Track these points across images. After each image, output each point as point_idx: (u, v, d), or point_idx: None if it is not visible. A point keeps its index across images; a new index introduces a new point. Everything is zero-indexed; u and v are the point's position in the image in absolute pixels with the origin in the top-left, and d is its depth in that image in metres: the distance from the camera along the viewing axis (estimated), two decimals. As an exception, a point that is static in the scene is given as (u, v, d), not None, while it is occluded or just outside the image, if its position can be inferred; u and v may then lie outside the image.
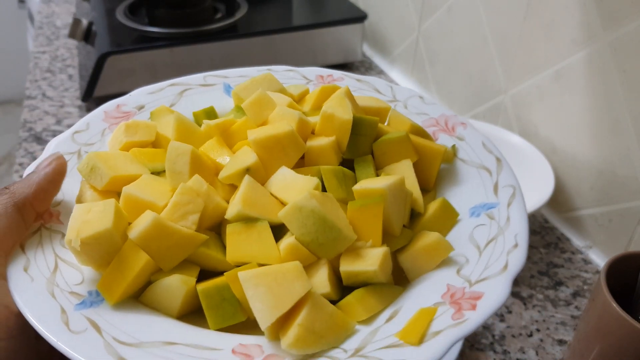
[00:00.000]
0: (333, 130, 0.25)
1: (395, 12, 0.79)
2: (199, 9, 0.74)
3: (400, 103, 0.31)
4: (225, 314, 0.21)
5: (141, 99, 0.32)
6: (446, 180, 0.27)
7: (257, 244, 0.22)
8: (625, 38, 0.44)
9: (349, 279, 0.22)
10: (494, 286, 0.21)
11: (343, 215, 0.23)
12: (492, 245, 0.23)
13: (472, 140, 0.28)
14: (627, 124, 0.45)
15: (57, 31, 0.91)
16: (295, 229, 0.22)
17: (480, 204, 0.25)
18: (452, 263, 0.23)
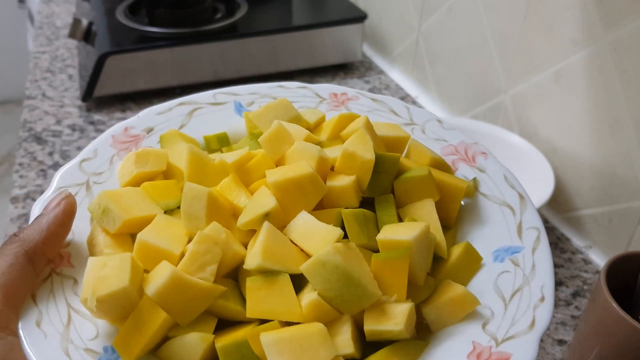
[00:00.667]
0: (354, 169, 0.24)
1: (395, 12, 0.79)
2: (199, 9, 0.74)
3: (418, 127, 0.30)
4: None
5: (150, 120, 0.31)
6: (467, 218, 0.25)
7: (279, 300, 0.21)
8: (626, 38, 0.44)
9: (373, 336, 0.21)
10: (522, 346, 0.20)
11: (367, 269, 0.22)
12: (517, 296, 0.22)
13: (494, 173, 0.27)
14: (627, 124, 0.45)
15: (57, 31, 0.91)
16: (318, 284, 0.21)
17: (504, 248, 0.23)
18: (477, 316, 0.22)
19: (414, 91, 0.78)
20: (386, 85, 0.79)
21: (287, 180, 0.23)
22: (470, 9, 0.63)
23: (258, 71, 0.76)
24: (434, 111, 0.73)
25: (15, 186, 0.57)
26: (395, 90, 0.78)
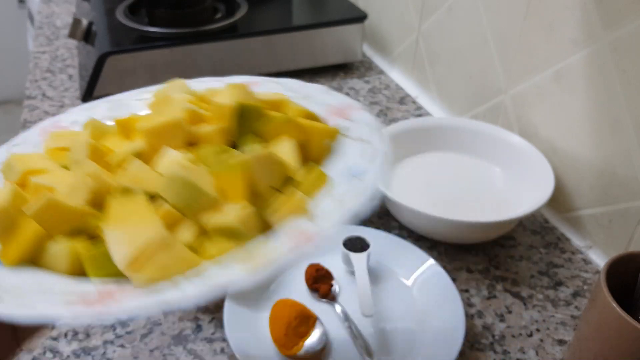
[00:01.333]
0: (220, 117, 0.29)
1: (395, 12, 0.79)
2: (198, 9, 0.74)
3: (309, 99, 0.34)
4: (99, 263, 0.24)
5: (76, 115, 0.35)
6: (332, 154, 0.30)
7: (132, 208, 0.25)
8: (625, 38, 0.44)
9: (215, 232, 0.25)
10: (331, 223, 0.24)
11: (211, 182, 0.26)
12: (350, 198, 0.26)
13: (361, 120, 0.31)
14: (627, 124, 0.45)
15: (57, 31, 0.91)
16: (169, 197, 0.25)
17: (356, 169, 0.28)
18: (309, 214, 0.25)
19: (414, 91, 0.78)
20: (386, 85, 0.79)
21: (155, 126, 0.28)
22: (470, 9, 0.63)
23: (258, 71, 0.76)
24: (434, 111, 0.73)
25: (15, 186, 0.57)
26: (395, 90, 0.78)
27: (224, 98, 0.30)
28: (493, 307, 0.45)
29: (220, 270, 0.23)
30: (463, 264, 0.50)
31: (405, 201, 0.47)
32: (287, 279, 0.46)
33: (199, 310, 0.44)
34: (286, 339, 0.40)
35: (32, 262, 0.25)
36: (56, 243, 0.25)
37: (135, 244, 0.23)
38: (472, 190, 0.55)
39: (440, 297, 0.44)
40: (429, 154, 0.60)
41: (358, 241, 0.46)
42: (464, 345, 0.42)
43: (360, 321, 0.42)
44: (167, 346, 0.41)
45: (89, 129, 0.31)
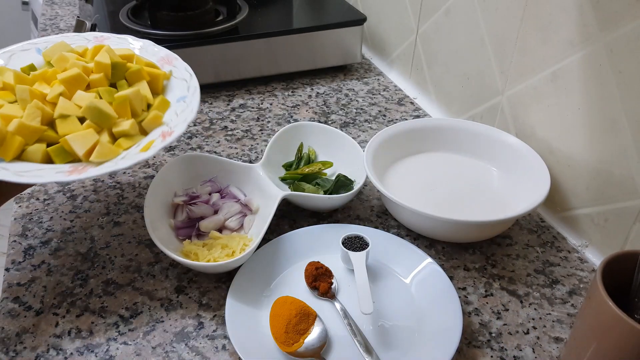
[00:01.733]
0: (102, 69, 0.48)
1: (393, 15, 0.80)
2: (200, 11, 0.75)
3: (144, 50, 0.54)
4: (60, 154, 0.43)
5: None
6: (167, 89, 0.51)
7: (72, 126, 0.44)
8: (622, 39, 0.45)
9: (119, 135, 0.45)
10: (178, 128, 0.45)
11: (111, 108, 0.45)
12: (183, 113, 0.47)
13: (180, 67, 0.52)
14: (623, 125, 0.46)
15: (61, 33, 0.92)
16: (89, 117, 0.44)
17: (182, 96, 0.49)
18: (163, 123, 0.47)
19: (412, 92, 0.78)
20: (385, 87, 0.79)
21: (67, 77, 0.46)
22: (467, 11, 0.64)
23: (259, 73, 0.76)
24: (432, 112, 0.74)
25: (20, 186, 0.58)
26: (394, 91, 0.78)
27: (101, 57, 0.48)
28: (490, 305, 0.46)
29: (131, 154, 0.43)
30: (460, 263, 0.50)
31: (403, 201, 0.48)
32: (287, 277, 0.47)
33: (201, 308, 0.45)
34: (286, 336, 0.40)
35: (19, 158, 0.43)
36: (32, 146, 0.43)
37: (86, 144, 0.43)
38: (470, 190, 0.56)
39: (438, 295, 0.44)
40: (427, 154, 0.60)
41: (357, 240, 0.47)
42: (461, 343, 0.42)
43: (359, 319, 0.43)
44: (170, 343, 0.42)
45: (14, 76, 0.47)
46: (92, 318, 0.44)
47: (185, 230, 0.50)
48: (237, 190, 0.54)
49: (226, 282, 0.47)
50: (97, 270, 0.48)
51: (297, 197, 0.52)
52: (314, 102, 0.75)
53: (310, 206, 0.54)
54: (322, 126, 0.60)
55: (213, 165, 0.54)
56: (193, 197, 0.52)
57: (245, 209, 0.53)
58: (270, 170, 0.55)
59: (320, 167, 0.57)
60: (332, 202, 0.52)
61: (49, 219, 0.54)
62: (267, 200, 0.51)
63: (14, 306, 0.45)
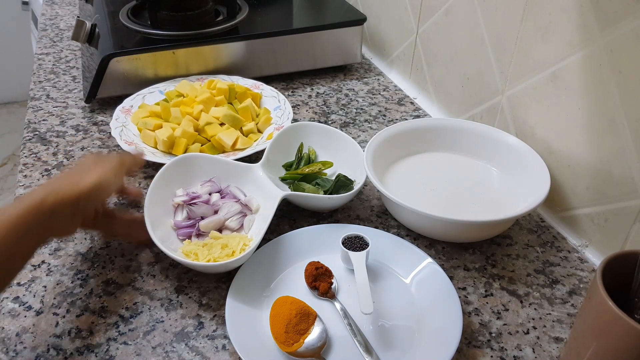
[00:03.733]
0: (222, 92, 0.67)
1: (393, 15, 0.80)
2: (200, 11, 0.75)
3: (236, 81, 0.72)
4: (211, 150, 0.62)
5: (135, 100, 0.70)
6: (263, 104, 0.70)
7: (216, 129, 0.62)
8: (621, 40, 0.45)
9: (247, 133, 0.64)
10: (286, 124, 0.64)
11: (238, 115, 0.64)
12: (283, 116, 0.66)
13: (266, 89, 0.71)
14: (623, 125, 0.46)
15: (61, 33, 0.92)
16: (227, 121, 0.62)
17: (277, 106, 0.68)
18: (275, 123, 0.65)
19: (412, 92, 0.78)
20: (385, 87, 0.79)
21: (204, 99, 0.65)
22: (467, 12, 0.64)
23: (259, 73, 0.76)
24: (432, 112, 0.74)
25: (20, 185, 0.58)
26: (394, 91, 0.78)
27: (220, 85, 0.67)
28: (490, 305, 0.46)
29: (261, 142, 0.62)
30: (460, 263, 0.50)
31: (403, 201, 0.48)
32: (287, 277, 0.47)
33: (201, 308, 0.45)
34: (286, 336, 0.40)
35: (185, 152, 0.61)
36: (192, 145, 0.61)
37: (231, 138, 0.61)
38: (470, 190, 0.56)
39: (438, 295, 0.44)
40: (427, 154, 0.60)
41: (357, 240, 0.47)
42: (461, 343, 0.42)
43: (359, 318, 0.43)
44: (170, 343, 0.42)
45: (160, 104, 0.66)
46: (92, 318, 0.44)
47: (185, 230, 0.50)
48: (237, 190, 0.54)
49: (226, 282, 0.47)
50: (97, 270, 0.48)
51: (297, 197, 0.52)
52: (314, 102, 0.75)
53: (310, 206, 0.53)
54: (322, 126, 0.60)
55: (212, 165, 0.54)
56: (193, 197, 0.52)
57: (245, 209, 0.52)
58: (270, 171, 0.55)
59: (320, 167, 0.57)
60: (332, 202, 0.52)
61: (49, 218, 0.54)
62: (267, 200, 0.51)
63: (14, 306, 0.45)
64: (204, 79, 0.71)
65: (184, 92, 0.67)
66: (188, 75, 0.73)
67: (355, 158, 0.56)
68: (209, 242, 0.48)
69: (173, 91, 0.68)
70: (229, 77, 0.72)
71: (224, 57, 0.73)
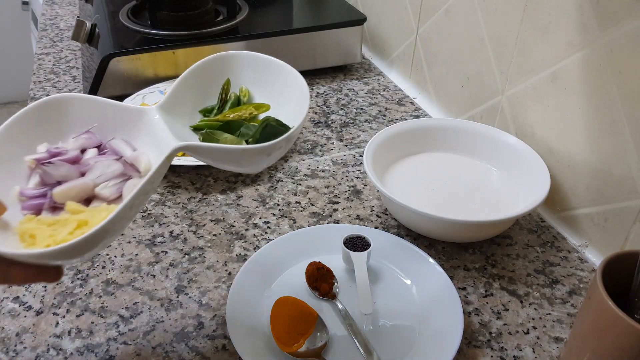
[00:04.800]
0: None
1: (393, 15, 0.80)
2: (200, 11, 0.75)
3: None
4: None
5: None
6: None
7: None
8: (621, 40, 0.45)
9: None
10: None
11: None
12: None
13: None
14: (623, 125, 0.46)
15: (61, 33, 0.92)
16: None
17: None
18: None
19: (412, 92, 0.78)
20: (385, 87, 0.79)
21: None
22: (467, 12, 0.64)
23: (259, 73, 0.76)
24: (432, 112, 0.74)
25: (20, 186, 0.58)
26: (394, 91, 0.78)
27: None
28: (490, 305, 0.46)
29: None
30: (460, 263, 0.50)
31: (403, 201, 0.48)
32: (288, 278, 0.47)
33: (201, 308, 0.45)
34: (287, 336, 0.40)
35: None
36: None
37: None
38: (470, 190, 0.56)
39: (439, 295, 0.44)
40: (427, 154, 0.60)
41: (358, 240, 0.47)
42: (461, 343, 0.42)
43: (360, 319, 0.43)
44: (170, 343, 0.42)
45: None
46: (92, 318, 0.44)
47: (32, 202, 0.34)
48: (124, 143, 0.38)
49: (226, 282, 0.47)
50: (97, 270, 0.48)
51: (197, 149, 0.35)
52: (314, 102, 0.75)
53: (223, 164, 0.37)
54: (257, 56, 0.43)
55: (93, 110, 0.38)
56: (54, 153, 0.36)
57: (129, 169, 0.36)
58: (179, 117, 0.40)
59: (252, 111, 0.42)
60: (247, 156, 0.35)
61: (49, 219, 0.54)
62: (161, 153, 0.35)
63: (14, 306, 0.45)
64: None
65: None
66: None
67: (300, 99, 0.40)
68: (63, 219, 0.33)
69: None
70: None
71: (224, 57, 0.73)
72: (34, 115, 0.36)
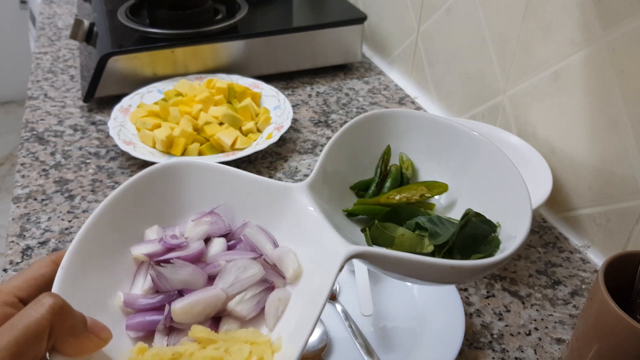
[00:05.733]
0: (221, 92, 0.66)
1: (394, 13, 0.80)
2: (199, 10, 0.75)
3: (236, 80, 0.72)
4: (210, 150, 0.62)
5: None
6: (262, 103, 0.70)
7: (215, 129, 0.62)
8: (624, 39, 0.44)
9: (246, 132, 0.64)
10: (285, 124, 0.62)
11: (237, 114, 0.65)
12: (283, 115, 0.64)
13: (266, 88, 0.71)
14: (625, 124, 0.46)
15: (59, 32, 0.92)
16: (226, 121, 0.63)
17: (277, 106, 0.67)
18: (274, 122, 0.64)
19: (413, 92, 0.78)
20: (385, 86, 0.79)
21: (203, 98, 0.64)
22: (469, 10, 0.63)
23: (259, 72, 0.76)
24: (433, 111, 0.73)
25: (18, 186, 0.58)
26: (395, 90, 0.78)
27: (219, 84, 0.68)
28: (492, 306, 0.46)
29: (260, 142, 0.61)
30: (462, 263, 0.50)
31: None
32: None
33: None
34: (287, 337, 0.40)
35: (183, 154, 0.59)
36: (191, 145, 0.60)
37: (230, 138, 0.60)
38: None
39: (440, 297, 0.44)
40: (429, 154, 0.60)
41: (358, 241, 0.47)
42: (463, 344, 0.42)
43: (360, 320, 0.43)
44: (169, 345, 0.42)
45: (160, 104, 0.64)
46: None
47: (143, 319, 0.25)
48: (261, 233, 0.28)
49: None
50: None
51: (383, 259, 0.25)
52: (314, 102, 0.74)
53: (409, 278, 0.27)
54: (428, 117, 0.33)
55: (220, 183, 0.29)
56: (171, 247, 0.27)
57: (272, 272, 0.27)
58: (328, 196, 0.30)
59: (424, 192, 0.32)
60: (459, 275, 0.26)
61: (46, 219, 0.53)
62: (321, 260, 0.25)
63: (12, 307, 0.44)
64: (203, 78, 0.71)
65: (183, 91, 0.66)
66: (187, 74, 0.72)
67: (504, 185, 0.29)
68: (188, 351, 0.24)
69: (172, 90, 0.68)
70: (228, 76, 0.71)
71: (223, 56, 0.73)
72: (139, 190, 0.27)
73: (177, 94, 0.67)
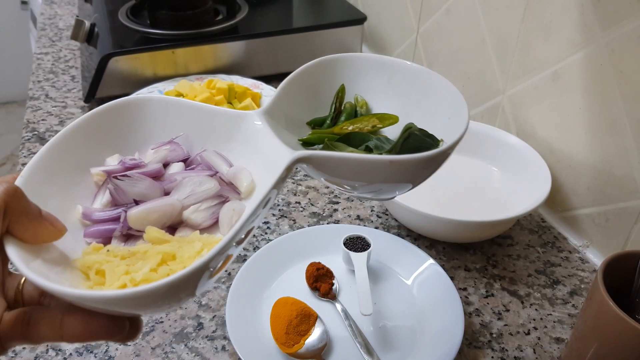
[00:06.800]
0: (222, 92, 0.67)
1: (394, 14, 0.80)
2: (200, 10, 0.75)
3: (236, 81, 0.71)
4: None
5: None
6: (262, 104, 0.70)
7: None
8: (623, 39, 0.44)
9: None
10: None
11: None
12: None
13: (266, 88, 0.71)
14: (624, 125, 0.46)
15: (60, 32, 0.92)
16: None
17: None
18: None
19: (413, 92, 0.78)
20: (386, 86, 0.79)
21: (203, 98, 0.64)
22: (468, 11, 0.63)
23: (259, 72, 0.76)
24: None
25: (19, 186, 0.58)
26: (395, 91, 0.78)
27: (220, 84, 0.68)
28: (491, 306, 0.46)
29: None
30: (461, 263, 0.50)
31: (404, 201, 0.48)
32: (288, 278, 0.47)
33: (201, 308, 0.45)
34: (287, 337, 0.40)
35: None
36: None
37: None
38: (470, 190, 0.55)
39: (440, 296, 0.44)
40: (428, 154, 0.60)
41: (359, 241, 0.47)
42: (462, 343, 0.42)
43: (360, 320, 0.43)
44: (169, 344, 0.42)
45: None
46: (92, 319, 0.44)
47: (99, 227, 0.27)
48: (219, 157, 0.30)
49: (226, 282, 0.47)
50: (96, 271, 0.48)
51: (327, 160, 0.26)
52: (314, 102, 0.75)
53: (354, 182, 0.28)
54: (379, 59, 0.34)
55: (175, 116, 0.30)
56: (129, 166, 0.29)
57: (227, 189, 0.29)
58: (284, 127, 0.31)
59: (376, 123, 0.32)
60: (394, 170, 0.26)
61: (48, 219, 0.54)
62: (270, 174, 0.26)
63: (13, 307, 0.45)
64: (204, 79, 0.71)
65: (184, 91, 0.67)
66: (187, 74, 0.72)
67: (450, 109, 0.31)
68: (141, 250, 0.25)
69: (172, 91, 0.68)
70: (229, 76, 0.72)
71: (224, 56, 0.73)
72: (102, 121, 0.29)
73: (177, 94, 0.67)
